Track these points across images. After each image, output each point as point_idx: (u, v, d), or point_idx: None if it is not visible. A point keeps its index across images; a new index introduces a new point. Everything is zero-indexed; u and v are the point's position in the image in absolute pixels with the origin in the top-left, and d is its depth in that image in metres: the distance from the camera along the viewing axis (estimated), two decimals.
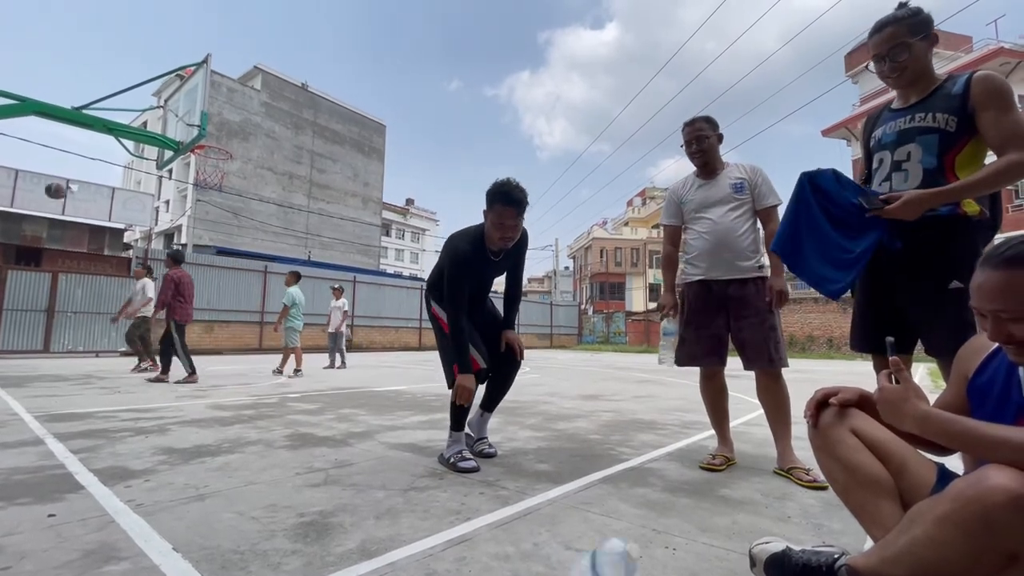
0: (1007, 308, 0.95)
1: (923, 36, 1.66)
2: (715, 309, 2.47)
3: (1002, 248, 0.99)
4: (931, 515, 0.89)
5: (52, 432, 2.95)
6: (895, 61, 1.68)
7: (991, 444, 0.88)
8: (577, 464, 2.42)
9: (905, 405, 1.02)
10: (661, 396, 5.41)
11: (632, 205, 47.72)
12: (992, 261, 0.99)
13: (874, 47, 1.73)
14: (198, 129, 7.06)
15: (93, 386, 5.49)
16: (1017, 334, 0.96)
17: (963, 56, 19.06)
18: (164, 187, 29.18)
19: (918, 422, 0.99)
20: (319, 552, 1.38)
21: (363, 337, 17.26)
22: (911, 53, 1.66)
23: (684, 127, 2.57)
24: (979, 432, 0.91)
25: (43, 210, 15.85)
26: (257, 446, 2.70)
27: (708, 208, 2.51)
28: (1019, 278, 0.94)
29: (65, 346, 11.75)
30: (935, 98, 1.65)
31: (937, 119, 1.62)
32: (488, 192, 2.35)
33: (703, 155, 2.52)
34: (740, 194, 2.46)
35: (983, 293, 0.99)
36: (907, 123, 1.69)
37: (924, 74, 1.69)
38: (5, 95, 6.02)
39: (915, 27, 1.65)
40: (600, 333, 30.07)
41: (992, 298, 0.97)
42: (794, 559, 1.14)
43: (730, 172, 2.52)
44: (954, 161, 1.61)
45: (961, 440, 0.94)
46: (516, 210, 2.31)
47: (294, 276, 7.98)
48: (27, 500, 1.77)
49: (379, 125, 33.09)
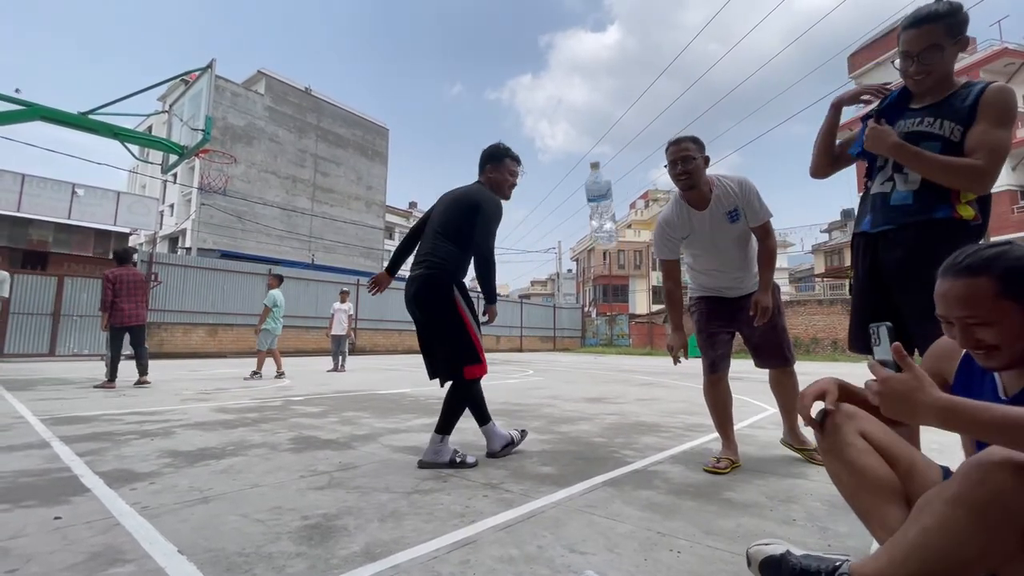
0: (974, 314, 0.98)
1: (956, 40, 1.59)
2: (728, 318, 2.60)
3: (960, 257, 1.02)
4: (939, 500, 0.87)
5: (58, 435, 2.97)
6: (925, 63, 1.61)
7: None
8: (581, 467, 2.41)
9: (919, 395, 0.91)
10: (665, 399, 5.39)
11: (635, 207, 47.63)
12: (953, 270, 1.01)
13: (906, 43, 1.63)
14: (202, 133, 7.12)
15: (98, 389, 5.51)
16: (986, 339, 0.98)
17: (967, 57, 19.02)
18: (169, 191, 29.35)
19: (940, 412, 0.87)
20: (323, 555, 1.38)
21: (366, 340, 17.28)
22: (943, 56, 1.59)
23: (669, 146, 2.41)
24: (1018, 414, 0.80)
25: (49, 214, 15.96)
26: (261, 449, 2.71)
27: (711, 244, 2.50)
28: (981, 284, 0.97)
29: (71, 349, 11.81)
30: (948, 105, 1.62)
31: (944, 127, 1.60)
32: (490, 152, 2.71)
33: (688, 177, 2.35)
34: (737, 223, 2.43)
35: (948, 301, 1.01)
36: (915, 125, 1.67)
37: (946, 78, 1.65)
38: (12, 100, 6.07)
39: (953, 28, 1.57)
40: (603, 336, 30.00)
41: (958, 306, 1.00)
42: (793, 562, 1.13)
43: (720, 199, 2.41)
44: None
45: (998, 428, 0.82)
46: (522, 165, 2.78)
47: (277, 279, 7.91)
48: (33, 503, 1.78)
49: (382, 129, 33.18)
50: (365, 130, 32.09)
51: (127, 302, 5.99)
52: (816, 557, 1.12)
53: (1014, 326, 0.96)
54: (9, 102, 6.04)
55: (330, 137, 30.04)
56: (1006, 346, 0.97)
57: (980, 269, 0.97)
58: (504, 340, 23.80)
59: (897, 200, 1.70)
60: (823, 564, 1.09)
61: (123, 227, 17.96)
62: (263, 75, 27.82)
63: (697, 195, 2.44)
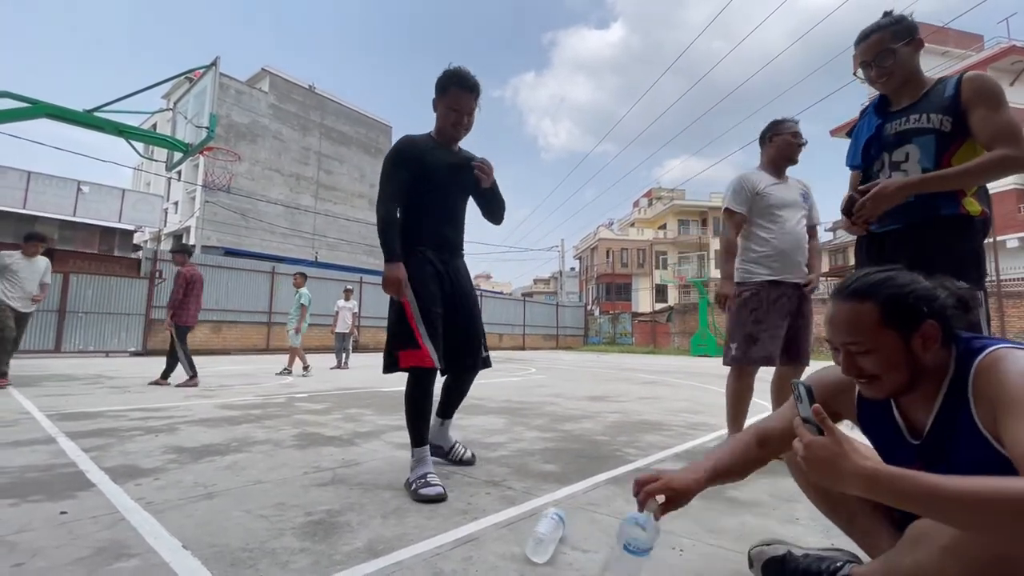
0: (856, 341, 0.95)
1: (907, 41, 1.69)
2: (786, 309, 2.61)
3: (849, 280, 1.00)
4: (936, 544, 0.81)
5: (63, 431, 2.99)
6: (881, 66, 1.73)
7: (971, 503, 0.70)
8: (583, 465, 2.41)
9: (843, 463, 0.82)
10: (667, 397, 5.39)
11: (638, 206, 47.52)
12: (841, 294, 0.99)
13: (860, 55, 1.78)
14: (207, 131, 7.13)
15: (103, 386, 5.55)
16: (866, 367, 0.95)
17: (974, 55, 18.87)
18: (173, 188, 29.44)
19: (865, 481, 0.79)
20: (327, 551, 1.39)
21: (370, 337, 17.31)
22: (896, 58, 1.70)
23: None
24: (947, 490, 0.71)
25: (54, 211, 16.06)
26: (265, 445, 2.72)
27: (784, 208, 2.63)
28: (865, 310, 0.94)
29: (76, 346, 11.88)
30: (927, 100, 1.68)
31: (932, 119, 1.64)
32: (440, 79, 2.15)
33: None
34: (805, 203, 2.68)
35: (834, 326, 0.99)
36: (902, 124, 1.72)
37: (912, 78, 1.72)
38: (17, 98, 6.10)
39: (899, 33, 1.70)
40: (606, 334, 29.98)
41: (842, 331, 0.97)
42: (794, 564, 1.12)
43: (793, 180, 2.70)
44: (951, 162, 1.63)
45: (925, 503, 0.74)
46: (473, 94, 2.13)
47: (303, 277, 8.07)
48: (39, 497, 1.79)
49: (385, 126, 33.19)
50: (368, 128, 32.12)
51: (195, 303, 6.01)
52: (817, 557, 1.12)
53: (892, 355, 0.93)
54: (15, 100, 6.06)
55: (333, 135, 30.08)
56: (884, 375, 0.94)
57: (865, 295, 0.95)
58: (507, 338, 23.83)
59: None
60: (824, 565, 1.09)
61: (128, 224, 18.07)
62: (267, 73, 27.86)
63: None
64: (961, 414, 0.89)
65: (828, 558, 1.11)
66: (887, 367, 0.93)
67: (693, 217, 40.79)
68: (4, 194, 15.36)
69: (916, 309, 0.92)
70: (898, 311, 0.92)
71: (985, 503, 0.69)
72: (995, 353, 0.87)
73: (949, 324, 0.93)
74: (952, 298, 0.94)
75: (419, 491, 1.83)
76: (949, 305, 0.93)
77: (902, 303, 0.92)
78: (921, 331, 0.91)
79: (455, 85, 2.12)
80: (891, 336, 0.92)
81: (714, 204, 39.23)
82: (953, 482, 0.71)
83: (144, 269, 13.10)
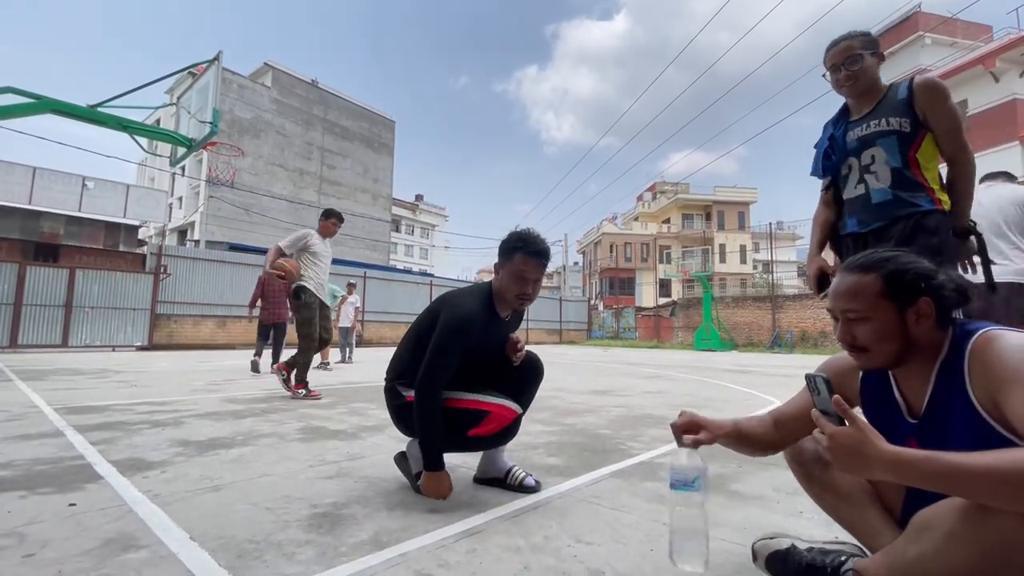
0: (854, 308, 1.01)
1: (873, 52, 1.86)
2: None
3: (859, 256, 1.07)
4: (940, 531, 0.83)
5: (71, 424, 3.02)
6: (850, 69, 1.86)
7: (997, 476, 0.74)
8: (587, 458, 2.42)
9: (869, 449, 0.84)
10: (671, 392, 5.39)
11: (642, 200, 47.33)
12: (850, 266, 1.06)
13: (830, 59, 1.92)
14: (210, 126, 7.15)
15: (110, 379, 5.60)
16: (859, 336, 1.01)
17: (983, 46, 18.63)
18: (177, 184, 29.51)
19: (890, 466, 0.83)
20: (332, 542, 1.40)
21: (373, 332, 17.37)
22: (863, 64, 1.85)
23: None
24: (968, 467, 0.76)
25: (60, 207, 16.14)
26: (270, 439, 2.74)
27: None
28: (868, 281, 1.00)
29: (83, 340, 11.96)
30: (883, 107, 1.84)
31: (891, 123, 1.81)
32: (505, 243, 1.90)
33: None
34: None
35: (836, 295, 1.05)
36: (864, 130, 1.87)
37: (874, 86, 1.88)
38: (22, 94, 6.12)
39: (867, 43, 1.87)
40: (610, 328, 29.97)
41: (844, 298, 1.03)
42: (798, 558, 1.13)
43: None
44: (916, 157, 1.79)
45: (947, 480, 0.78)
46: (541, 261, 1.88)
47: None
48: (48, 490, 1.81)
49: (388, 121, 33.16)
50: (371, 122, 32.09)
51: (280, 301, 6.16)
52: (821, 550, 1.12)
53: (887, 326, 0.98)
54: (20, 95, 6.08)
55: (336, 130, 30.06)
56: (876, 345, 1.00)
57: (871, 268, 1.02)
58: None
59: (879, 198, 1.84)
60: (829, 558, 1.09)
61: (133, 220, 18.14)
62: (269, 68, 27.83)
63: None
64: (957, 393, 0.93)
65: (832, 551, 1.11)
66: (880, 337, 0.99)
67: (697, 211, 40.57)
68: (10, 190, 15.43)
69: (914, 285, 0.97)
70: (897, 284, 0.98)
71: (1009, 475, 0.73)
72: (989, 333, 0.92)
73: (944, 304, 0.97)
74: (951, 283, 0.98)
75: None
76: (947, 288, 0.97)
77: (902, 277, 0.98)
78: (917, 306, 0.97)
79: (522, 251, 1.85)
80: (888, 307, 0.98)
81: (718, 198, 39.03)
82: (975, 459, 0.76)
83: (149, 264, 13.16)
